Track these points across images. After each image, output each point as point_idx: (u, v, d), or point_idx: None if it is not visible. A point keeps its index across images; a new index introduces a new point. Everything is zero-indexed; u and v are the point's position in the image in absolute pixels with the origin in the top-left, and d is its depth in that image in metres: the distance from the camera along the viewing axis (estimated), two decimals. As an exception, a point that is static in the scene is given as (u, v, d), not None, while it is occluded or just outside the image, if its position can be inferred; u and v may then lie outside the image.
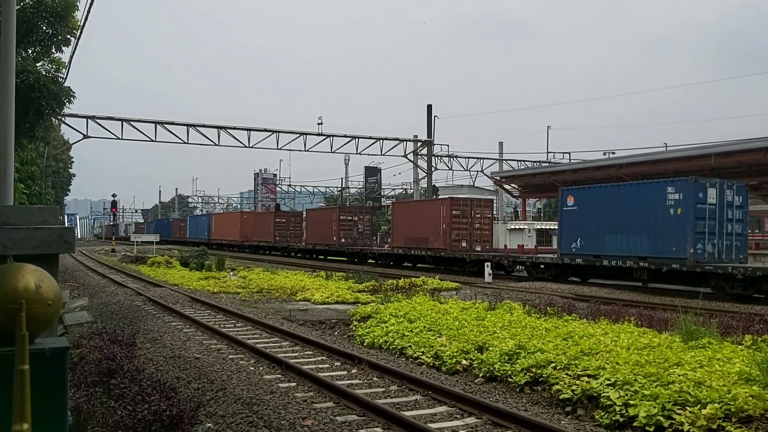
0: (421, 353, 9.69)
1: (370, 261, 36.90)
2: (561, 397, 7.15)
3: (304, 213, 49.70)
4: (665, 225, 19.87)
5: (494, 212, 35.07)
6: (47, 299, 2.73)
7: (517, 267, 27.47)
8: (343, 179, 75.42)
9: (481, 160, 48.46)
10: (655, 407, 6.16)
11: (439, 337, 10.23)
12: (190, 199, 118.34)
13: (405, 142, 43.95)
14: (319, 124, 41.77)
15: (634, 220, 20.84)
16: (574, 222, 23.13)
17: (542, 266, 24.61)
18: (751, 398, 6.09)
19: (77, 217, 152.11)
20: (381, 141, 42.61)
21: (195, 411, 6.22)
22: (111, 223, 72.98)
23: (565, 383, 7.30)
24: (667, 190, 20.03)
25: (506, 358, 8.45)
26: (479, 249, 29.58)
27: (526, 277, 24.98)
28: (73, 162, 59.09)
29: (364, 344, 11.02)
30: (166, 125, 37.93)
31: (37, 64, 14.85)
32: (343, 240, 39.53)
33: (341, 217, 40.05)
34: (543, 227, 43.54)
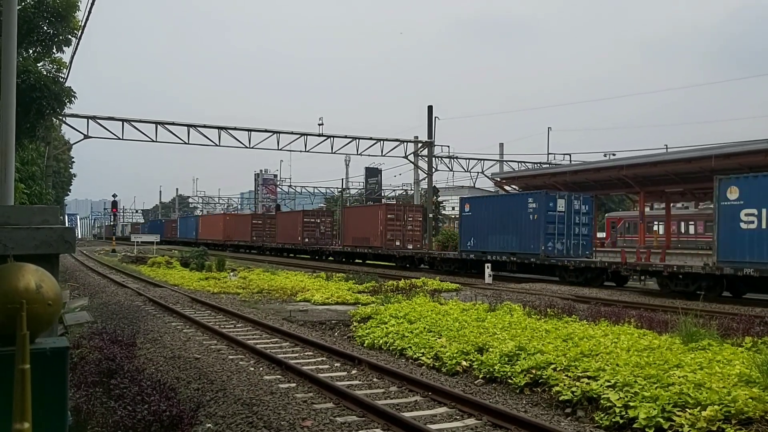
0: (421, 354, 9.69)
1: (330, 258, 41.91)
2: (561, 398, 7.15)
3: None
4: (527, 228, 25.04)
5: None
6: (48, 299, 2.74)
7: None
8: (344, 180, 75.36)
9: (482, 161, 48.37)
10: (655, 409, 6.16)
11: (439, 338, 10.23)
12: (190, 200, 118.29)
13: (406, 143, 43.88)
14: (319, 124, 41.68)
15: (508, 224, 26.00)
16: (469, 225, 28.42)
17: (449, 261, 29.75)
18: (751, 400, 6.08)
19: (77, 217, 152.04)
20: (381, 142, 42.52)
21: (195, 411, 6.22)
22: (111, 223, 74.13)
23: (565, 385, 7.30)
24: (528, 200, 25.35)
25: (506, 359, 8.45)
26: (411, 247, 35.13)
27: (526, 279, 24.99)
28: (73, 162, 59.20)
29: (364, 345, 11.02)
30: (166, 125, 37.87)
31: (38, 65, 14.85)
32: (306, 240, 45.54)
33: (305, 220, 46.25)
34: None
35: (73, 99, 15.42)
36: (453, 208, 68.45)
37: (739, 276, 17.42)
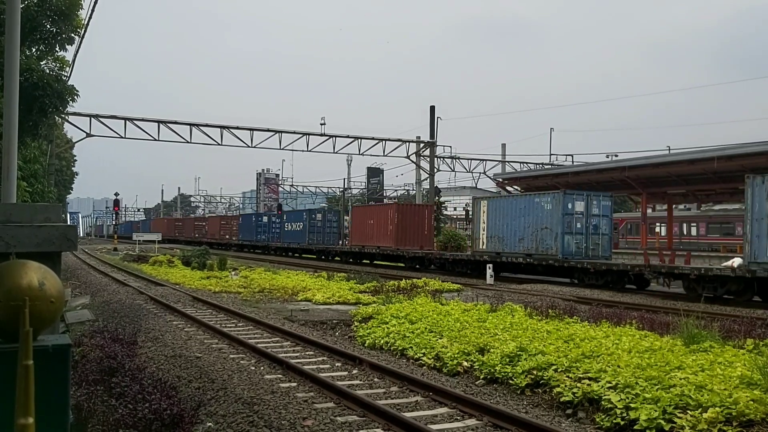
0: (422, 354, 9.69)
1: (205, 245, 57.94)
2: (562, 399, 7.15)
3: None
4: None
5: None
6: (50, 296, 2.75)
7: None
8: (346, 180, 75.36)
9: (484, 162, 48.44)
10: (656, 410, 6.15)
11: (441, 338, 10.23)
12: (192, 199, 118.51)
13: (408, 143, 43.91)
14: (321, 124, 41.75)
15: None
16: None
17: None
18: (752, 402, 6.08)
19: (80, 215, 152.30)
20: (384, 142, 42.56)
21: (196, 410, 6.23)
22: (113, 223, 76.67)
23: (566, 386, 7.29)
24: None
25: (507, 360, 8.45)
26: (234, 239, 58.76)
27: (528, 280, 24.96)
28: (75, 160, 59.05)
29: (366, 345, 11.02)
30: (169, 124, 37.94)
31: (41, 63, 14.85)
32: (196, 234, 67.21)
33: (196, 224, 71.21)
34: None
35: (75, 97, 15.42)
36: (455, 209, 68.44)
37: None
